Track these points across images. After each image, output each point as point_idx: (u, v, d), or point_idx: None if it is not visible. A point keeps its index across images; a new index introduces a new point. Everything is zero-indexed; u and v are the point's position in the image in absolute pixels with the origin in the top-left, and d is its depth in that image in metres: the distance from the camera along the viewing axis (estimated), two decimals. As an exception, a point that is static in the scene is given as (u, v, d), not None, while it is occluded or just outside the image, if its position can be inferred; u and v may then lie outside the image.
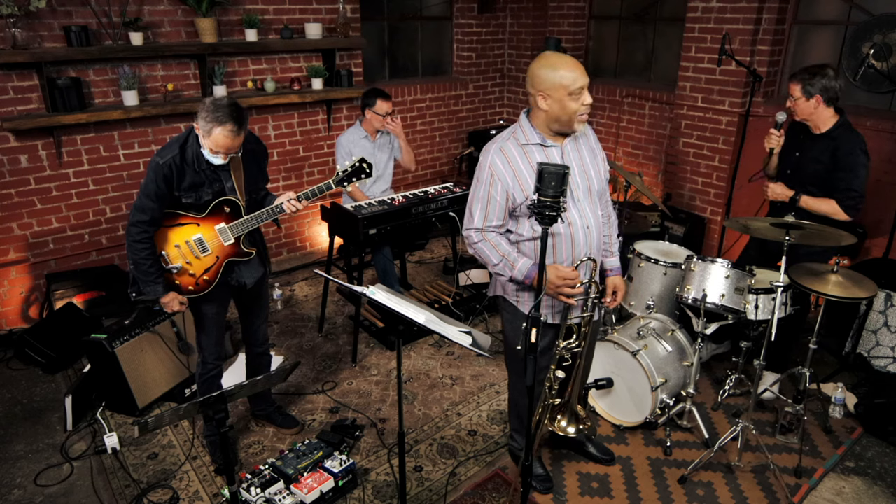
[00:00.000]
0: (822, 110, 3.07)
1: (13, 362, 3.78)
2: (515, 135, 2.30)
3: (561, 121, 2.22)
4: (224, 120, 2.33)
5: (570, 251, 2.35)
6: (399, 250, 4.67)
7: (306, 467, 2.77)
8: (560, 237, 2.32)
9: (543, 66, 2.18)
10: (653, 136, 5.23)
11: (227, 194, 2.59)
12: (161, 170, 2.42)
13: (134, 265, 2.52)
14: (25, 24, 3.64)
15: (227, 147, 2.41)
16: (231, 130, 2.36)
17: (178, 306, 2.63)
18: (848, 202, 3.03)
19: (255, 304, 2.94)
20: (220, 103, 2.35)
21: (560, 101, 2.17)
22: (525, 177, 2.24)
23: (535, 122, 2.28)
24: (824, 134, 3.11)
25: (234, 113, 2.35)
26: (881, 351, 3.62)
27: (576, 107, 2.18)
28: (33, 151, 3.90)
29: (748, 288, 3.06)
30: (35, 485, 2.85)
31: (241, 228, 2.63)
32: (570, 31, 5.81)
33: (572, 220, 2.32)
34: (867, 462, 3.03)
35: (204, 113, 2.35)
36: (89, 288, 4.05)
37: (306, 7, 4.73)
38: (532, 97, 2.23)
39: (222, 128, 2.34)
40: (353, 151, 4.02)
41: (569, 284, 2.25)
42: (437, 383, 3.62)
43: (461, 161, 6.07)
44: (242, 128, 2.40)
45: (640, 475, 2.93)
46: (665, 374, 3.09)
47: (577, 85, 2.15)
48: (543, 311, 2.42)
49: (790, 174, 3.25)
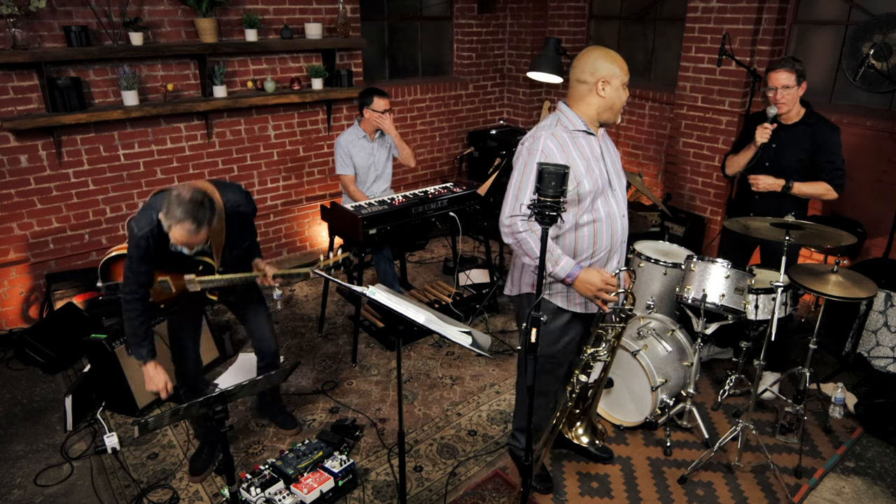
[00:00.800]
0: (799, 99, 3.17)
1: (13, 362, 3.78)
2: (561, 122, 2.33)
3: (613, 109, 2.32)
4: (182, 218, 2.23)
5: (610, 239, 2.38)
6: (399, 250, 4.67)
7: (306, 467, 2.77)
8: (601, 224, 2.35)
9: (601, 57, 2.26)
10: (653, 135, 5.23)
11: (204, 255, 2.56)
12: (141, 242, 2.38)
13: (126, 320, 2.51)
14: (25, 24, 3.64)
15: (187, 242, 2.33)
16: (188, 230, 2.26)
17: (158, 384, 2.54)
18: (837, 181, 3.13)
19: (250, 306, 2.91)
20: (183, 198, 2.23)
21: (617, 89, 2.28)
22: (577, 162, 2.27)
23: (580, 110, 2.33)
24: (799, 122, 3.20)
25: (194, 211, 2.23)
26: (881, 351, 3.62)
27: (625, 97, 2.33)
28: (33, 151, 3.90)
29: (748, 288, 3.06)
30: (35, 485, 2.85)
31: (208, 284, 2.61)
32: (570, 31, 5.81)
33: (612, 208, 2.36)
34: (867, 462, 3.03)
35: (165, 208, 2.26)
36: (89, 288, 4.05)
37: (306, 7, 4.73)
38: (585, 84, 2.28)
39: (180, 225, 2.25)
40: (352, 152, 4.02)
41: (608, 290, 2.27)
42: (437, 383, 3.62)
43: (461, 161, 6.07)
44: (202, 226, 2.28)
45: (640, 475, 2.93)
46: (665, 374, 3.09)
47: (627, 78, 2.31)
48: (578, 299, 2.42)
49: (769, 166, 3.28)
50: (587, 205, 2.30)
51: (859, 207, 4.03)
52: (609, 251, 2.40)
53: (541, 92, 6.17)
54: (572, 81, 2.33)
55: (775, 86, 3.14)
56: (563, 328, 2.49)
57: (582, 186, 2.26)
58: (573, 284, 2.28)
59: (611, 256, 2.42)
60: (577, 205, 2.30)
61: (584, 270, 2.25)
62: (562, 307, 2.45)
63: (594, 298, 2.29)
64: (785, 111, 3.18)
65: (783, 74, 3.11)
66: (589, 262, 2.38)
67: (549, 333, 2.48)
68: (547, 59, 4.38)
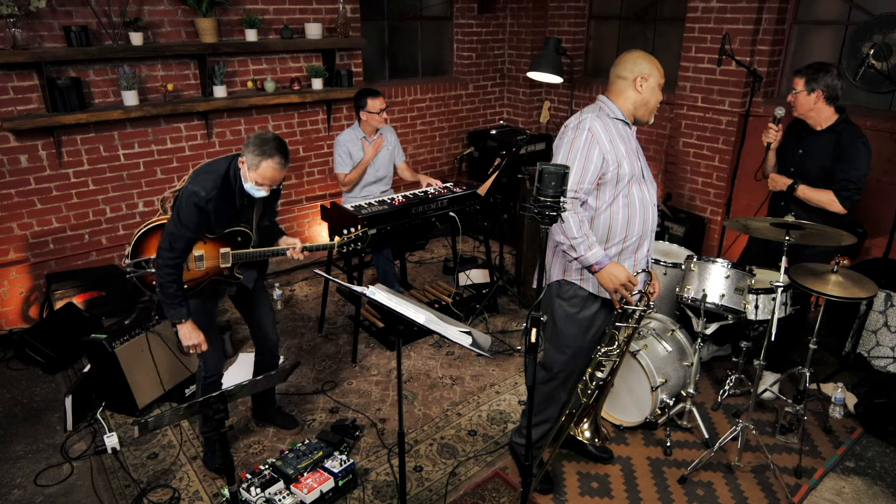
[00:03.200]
0: (822, 107, 3.08)
1: (13, 362, 3.78)
2: (603, 110, 2.44)
3: (648, 106, 2.45)
4: (272, 153, 2.44)
5: (642, 225, 2.46)
6: (399, 250, 4.67)
7: (306, 467, 2.77)
8: (636, 210, 2.42)
9: (641, 58, 2.43)
10: (653, 136, 5.23)
11: (245, 224, 2.69)
12: (207, 205, 2.47)
13: (160, 288, 2.55)
14: (25, 24, 3.64)
15: (273, 179, 2.51)
16: (279, 163, 2.47)
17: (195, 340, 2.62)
18: (843, 192, 3.03)
19: (255, 306, 2.94)
20: (267, 137, 2.47)
21: (653, 88, 2.43)
22: (618, 144, 2.37)
23: (619, 103, 2.45)
24: (827, 129, 3.13)
25: (281, 147, 2.47)
26: (881, 351, 3.62)
27: (659, 98, 2.47)
28: (33, 151, 3.90)
29: (748, 288, 3.06)
30: (35, 485, 2.85)
31: (241, 258, 2.71)
32: (570, 31, 5.81)
33: (643, 197, 2.45)
34: (867, 462, 3.03)
35: (251, 147, 2.45)
36: (89, 288, 4.06)
37: (306, 7, 4.73)
38: (625, 80, 2.42)
39: (271, 160, 2.45)
40: (352, 151, 4.02)
41: (629, 288, 2.35)
42: (437, 383, 3.62)
43: (461, 161, 6.07)
44: (288, 160, 2.52)
45: (640, 475, 2.93)
46: (665, 374, 3.09)
47: (663, 80, 2.48)
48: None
49: (794, 172, 3.25)
50: (624, 187, 2.38)
51: (859, 207, 4.01)
52: (640, 237, 2.47)
53: (541, 92, 6.17)
54: (612, 77, 2.46)
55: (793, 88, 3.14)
56: (592, 318, 2.54)
57: (622, 167, 2.36)
58: (598, 273, 2.34)
59: (641, 243, 2.49)
60: (615, 185, 2.38)
61: (613, 263, 2.33)
62: (593, 293, 2.49)
63: (613, 292, 2.37)
64: (797, 114, 3.16)
65: (796, 79, 3.11)
66: (621, 248, 2.44)
67: (578, 323, 2.53)
68: (547, 59, 4.39)
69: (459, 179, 5.96)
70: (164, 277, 2.51)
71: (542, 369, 2.66)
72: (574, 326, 2.54)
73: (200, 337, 2.63)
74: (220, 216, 2.55)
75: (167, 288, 2.52)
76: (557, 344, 2.59)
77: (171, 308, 2.56)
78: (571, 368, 2.63)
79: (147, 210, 4.43)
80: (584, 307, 2.51)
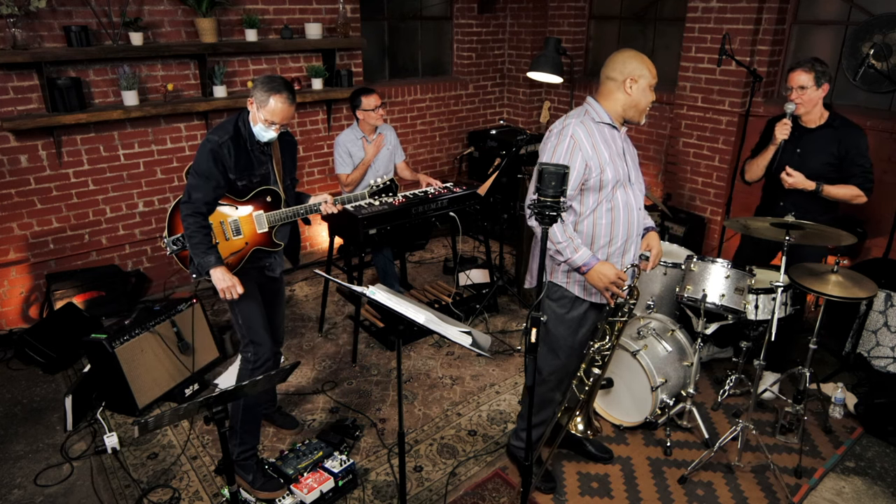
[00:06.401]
0: (820, 103, 3.09)
1: (13, 362, 3.78)
2: (589, 114, 2.42)
3: (638, 108, 2.40)
4: (280, 89, 2.50)
5: (626, 228, 2.47)
6: (399, 250, 4.67)
7: (306, 467, 2.77)
8: (619, 212, 2.42)
9: (632, 57, 2.37)
10: (653, 135, 5.23)
11: (271, 183, 2.71)
12: (220, 149, 2.52)
13: (188, 239, 2.59)
14: (25, 24, 3.64)
15: (283, 116, 2.55)
16: (287, 98, 2.52)
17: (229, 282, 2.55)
18: (868, 184, 3.08)
19: (276, 298, 2.97)
20: (274, 76, 2.54)
21: (643, 89, 2.37)
22: (602, 150, 2.36)
23: (607, 105, 2.42)
24: (823, 126, 3.12)
25: (288, 84, 2.56)
26: (881, 351, 3.62)
27: (651, 98, 2.41)
28: (33, 151, 3.90)
29: (748, 288, 3.06)
30: (35, 485, 2.85)
31: (277, 219, 2.74)
32: (570, 31, 5.81)
33: (629, 199, 2.45)
34: (867, 462, 3.03)
35: (260, 86, 2.51)
36: (89, 288, 4.06)
37: (306, 7, 4.73)
38: (614, 82, 2.38)
39: (279, 96, 2.50)
40: (352, 151, 4.02)
41: (618, 285, 2.36)
42: (437, 383, 3.62)
43: (461, 161, 6.07)
44: (295, 98, 2.58)
45: (640, 475, 2.93)
46: (665, 374, 3.09)
47: (655, 81, 2.41)
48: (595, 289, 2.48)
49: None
50: (608, 192, 2.38)
51: (859, 207, 4.02)
52: (626, 241, 2.48)
53: (541, 92, 6.17)
54: (602, 78, 2.43)
55: (792, 85, 3.08)
56: (580, 318, 2.56)
57: (605, 174, 2.35)
58: (587, 274, 2.36)
59: (627, 247, 2.49)
60: (598, 191, 2.38)
61: (601, 262, 2.35)
62: (580, 296, 2.51)
63: (604, 290, 2.38)
64: (802, 112, 3.11)
65: (801, 75, 3.04)
66: (606, 252, 2.45)
67: (567, 324, 2.55)
68: (547, 59, 4.38)
69: (459, 179, 5.97)
70: (189, 227, 2.55)
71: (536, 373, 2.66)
72: (563, 327, 2.56)
73: (234, 279, 2.58)
74: (235, 163, 2.59)
75: (193, 237, 2.56)
76: (548, 345, 2.61)
77: (199, 257, 2.57)
78: (564, 371, 2.65)
79: (147, 210, 4.43)
80: (573, 308, 2.53)
